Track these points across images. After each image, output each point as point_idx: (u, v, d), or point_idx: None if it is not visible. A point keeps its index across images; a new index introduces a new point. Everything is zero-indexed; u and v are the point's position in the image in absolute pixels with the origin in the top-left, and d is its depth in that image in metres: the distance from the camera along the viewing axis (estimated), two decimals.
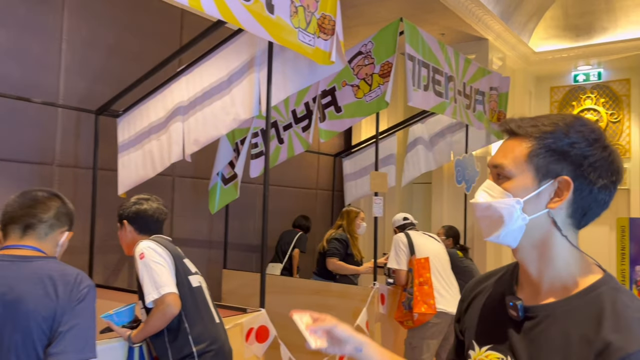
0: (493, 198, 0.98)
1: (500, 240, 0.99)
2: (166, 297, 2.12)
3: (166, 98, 3.59)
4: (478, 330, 1.07)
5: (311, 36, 2.80)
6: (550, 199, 0.96)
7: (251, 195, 5.78)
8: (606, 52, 7.19)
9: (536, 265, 0.99)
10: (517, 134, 0.99)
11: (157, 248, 2.26)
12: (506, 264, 4.35)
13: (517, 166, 0.97)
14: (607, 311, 0.90)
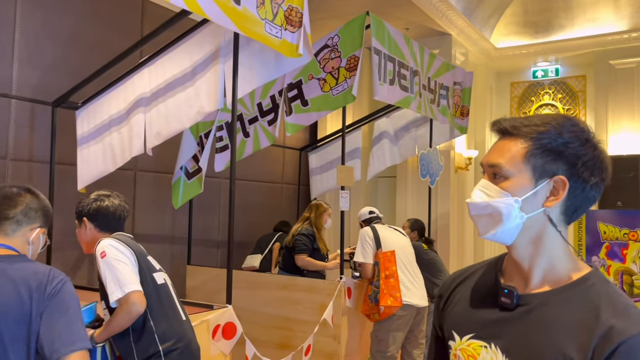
0: (491, 197, 1.01)
1: (497, 238, 1.02)
2: (131, 296, 2.07)
3: (127, 90, 3.48)
4: (458, 321, 1.10)
5: (278, 28, 2.76)
6: (547, 197, 0.99)
7: (215, 189, 5.70)
8: (563, 49, 7.39)
9: (529, 258, 1.03)
10: (511, 134, 1.02)
11: (119, 246, 2.19)
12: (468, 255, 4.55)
13: (514, 166, 1.00)
14: (603, 300, 0.95)
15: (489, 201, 1.00)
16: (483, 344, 1.03)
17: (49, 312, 1.48)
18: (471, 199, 1.04)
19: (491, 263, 1.14)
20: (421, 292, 3.96)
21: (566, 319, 0.96)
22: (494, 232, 1.01)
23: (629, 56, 6.88)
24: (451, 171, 6.53)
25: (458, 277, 1.19)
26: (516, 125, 1.01)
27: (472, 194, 1.04)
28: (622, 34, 6.90)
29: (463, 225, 6.92)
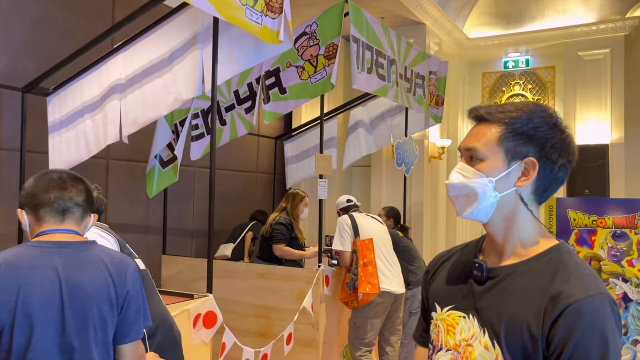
0: (467, 179, 1.09)
1: (474, 216, 1.10)
2: None
3: (102, 76, 3.39)
4: (441, 293, 1.19)
5: (259, 14, 2.72)
6: (519, 178, 1.08)
7: (190, 179, 5.62)
8: (534, 40, 7.52)
9: (503, 235, 1.11)
10: (487, 120, 1.09)
11: (105, 234, 2.15)
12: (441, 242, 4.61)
13: (489, 149, 1.08)
14: (561, 268, 1.04)
15: (465, 182, 1.08)
16: (462, 315, 1.11)
17: (129, 298, 1.59)
18: (450, 180, 1.11)
19: (473, 243, 1.23)
20: (398, 279, 4.01)
21: (527, 287, 1.03)
22: (471, 211, 1.09)
23: (597, 48, 7.04)
24: (425, 160, 6.60)
25: (444, 256, 1.27)
26: (491, 112, 1.09)
27: (450, 176, 1.11)
28: (590, 26, 7.05)
29: (436, 213, 7.01)
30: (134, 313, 1.60)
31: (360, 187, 7.37)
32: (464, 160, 1.12)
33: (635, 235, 4.57)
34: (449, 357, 1.11)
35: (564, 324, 0.95)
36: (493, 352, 1.03)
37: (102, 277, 1.55)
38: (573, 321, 0.95)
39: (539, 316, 0.98)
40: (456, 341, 1.10)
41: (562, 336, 0.95)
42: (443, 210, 7.31)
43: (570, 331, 0.95)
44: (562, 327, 0.95)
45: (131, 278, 1.60)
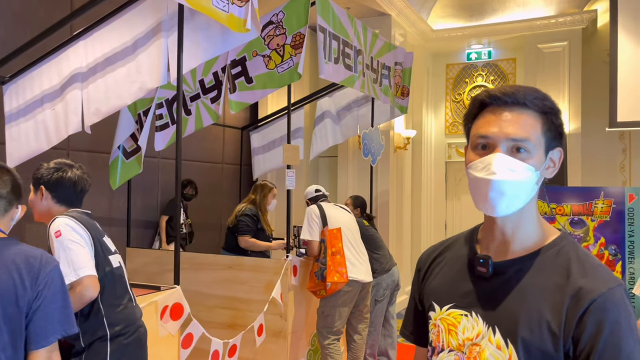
0: (518, 175, 0.99)
1: (511, 211, 1.01)
2: (84, 280, 1.97)
3: (61, 63, 3.28)
4: (438, 292, 1.12)
5: (225, 2, 2.68)
6: (546, 168, 1.03)
7: (154, 169, 5.53)
8: (495, 32, 7.67)
9: (513, 226, 1.04)
10: (523, 105, 1.01)
11: (76, 226, 2.07)
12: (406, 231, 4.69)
13: (536, 140, 1.01)
14: (573, 261, 1.00)
15: (519, 179, 0.98)
16: (463, 313, 1.05)
17: (42, 298, 1.48)
18: (497, 175, 0.98)
19: (466, 235, 1.16)
20: (365, 267, 4.05)
21: (540, 282, 0.99)
22: (518, 208, 1.01)
23: (555, 40, 7.24)
24: (391, 151, 6.67)
25: (434, 251, 1.21)
26: (527, 96, 1.01)
27: (493, 169, 0.98)
28: (549, 19, 7.24)
29: (401, 202, 7.10)
30: (46, 317, 1.49)
31: (326, 177, 7.40)
32: (499, 150, 0.99)
33: (591, 221, 4.75)
34: (452, 357, 1.06)
35: (591, 320, 0.92)
36: (506, 352, 0.98)
37: (9, 278, 1.45)
38: (600, 316, 0.92)
39: (560, 313, 0.95)
40: (459, 341, 1.05)
41: (591, 332, 0.92)
42: (408, 200, 7.41)
43: (598, 326, 0.92)
44: (589, 324, 0.92)
45: (45, 279, 1.50)
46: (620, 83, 6.07)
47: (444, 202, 8.36)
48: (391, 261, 4.55)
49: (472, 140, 1.05)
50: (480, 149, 1.02)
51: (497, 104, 1.02)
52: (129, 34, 3.06)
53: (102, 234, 2.21)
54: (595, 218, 4.69)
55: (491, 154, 0.99)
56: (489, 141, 1.01)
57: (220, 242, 5.29)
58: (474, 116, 1.06)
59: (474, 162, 1.02)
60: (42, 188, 2.17)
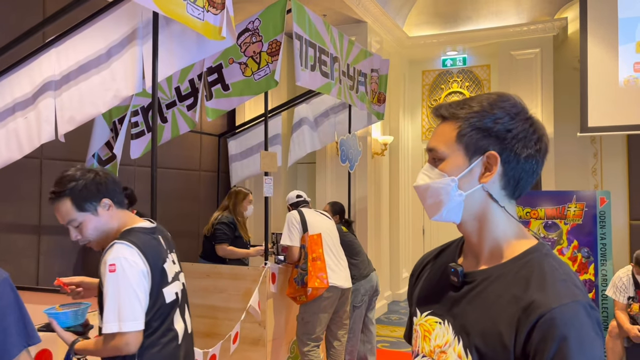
0: (431, 179, 1.05)
1: (444, 218, 1.05)
2: (127, 336, 1.76)
3: (33, 71, 3.23)
4: (421, 298, 1.15)
5: (200, 9, 2.68)
6: (482, 174, 1.03)
7: (130, 177, 5.46)
8: (470, 39, 7.79)
9: (477, 235, 1.06)
10: (447, 118, 1.06)
11: (134, 258, 1.79)
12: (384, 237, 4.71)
13: (448, 147, 1.04)
14: (535, 273, 0.98)
15: (429, 183, 1.05)
16: (438, 320, 1.07)
17: None
18: (416, 182, 1.08)
19: (454, 243, 1.17)
20: (345, 273, 4.06)
21: (502, 293, 0.98)
22: (440, 213, 1.05)
23: (528, 47, 7.39)
24: (368, 157, 6.71)
25: (428, 257, 1.23)
26: (451, 109, 1.05)
27: (417, 178, 1.08)
28: (522, 26, 7.39)
29: (380, 208, 7.14)
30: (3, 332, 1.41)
31: (305, 183, 7.40)
32: (429, 161, 1.08)
33: (564, 225, 4.84)
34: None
35: (538, 336, 0.91)
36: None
37: None
38: (547, 332, 0.90)
39: (512, 326, 0.94)
40: (431, 347, 1.07)
41: (537, 349, 0.90)
42: (386, 206, 7.45)
43: (545, 343, 0.90)
44: (536, 339, 0.90)
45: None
46: (591, 89, 6.22)
47: (421, 207, 8.43)
48: (369, 267, 4.57)
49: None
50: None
51: (438, 120, 1.10)
52: (103, 41, 3.03)
53: (164, 257, 1.92)
54: (568, 221, 4.79)
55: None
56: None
57: (197, 250, 5.24)
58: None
59: None
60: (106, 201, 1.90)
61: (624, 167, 7.15)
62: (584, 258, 4.73)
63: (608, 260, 4.66)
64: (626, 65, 6.09)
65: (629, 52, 6.07)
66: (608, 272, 4.64)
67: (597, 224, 4.69)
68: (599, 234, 4.68)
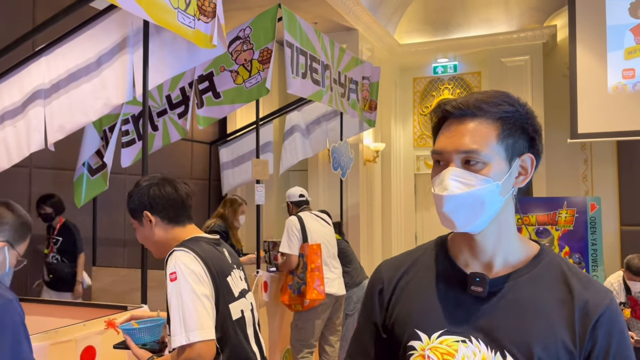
0: (471, 187, 0.93)
1: (477, 227, 0.96)
2: (196, 346, 1.65)
3: (22, 80, 3.21)
4: (421, 317, 1.00)
5: (191, 18, 2.68)
6: (516, 177, 0.97)
7: (120, 186, 5.42)
8: (460, 46, 7.84)
9: (494, 241, 0.98)
10: (475, 115, 0.96)
11: (196, 267, 1.72)
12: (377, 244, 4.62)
13: (491, 150, 0.94)
14: (567, 274, 0.97)
15: (469, 191, 0.93)
16: (460, 339, 0.95)
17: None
18: (448, 191, 0.94)
19: (434, 249, 1.07)
20: (339, 281, 4.06)
21: (541, 298, 0.95)
22: (476, 223, 0.95)
23: (518, 54, 7.44)
24: (360, 164, 6.72)
25: (398, 269, 1.07)
26: (480, 105, 0.96)
27: (445, 185, 0.94)
28: (511, 33, 7.45)
29: (372, 215, 7.14)
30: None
31: None
32: (453, 164, 0.95)
33: (555, 231, 4.87)
34: None
35: (601, 333, 0.92)
36: None
37: None
38: (608, 329, 0.92)
39: (572, 329, 0.92)
40: None
41: (602, 345, 0.91)
42: (378, 212, 7.46)
43: (608, 339, 0.92)
44: (600, 337, 0.91)
45: None
46: (580, 96, 6.27)
47: (413, 213, 8.45)
48: (362, 274, 4.56)
49: (431, 156, 1.02)
50: (437, 164, 0.99)
51: (452, 117, 0.98)
52: (93, 49, 3.02)
53: (228, 271, 1.85)
54: (559, 227, 4.81)
55: (445, 169, 0.95)
56: (443, 156, 0.97)
57: None
58: (436, 130, 1.03)
59: (433, 179, 0.99)
60: (147, 214, 1.87)
61: (614, 173, 7.20)
62: (576, 264, 4.75)
63: (599, 266, 4.69)
64: (615, 72, 6.15)
65: (617, 59, 6.14)
66: (599, 278, 4.66)
67: (588, 229, 4.72)
68: (589, 240, 4.70)
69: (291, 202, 4.25)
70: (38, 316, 2.94)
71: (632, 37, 6.04)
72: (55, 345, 2.30)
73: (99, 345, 2.46)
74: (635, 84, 6.04)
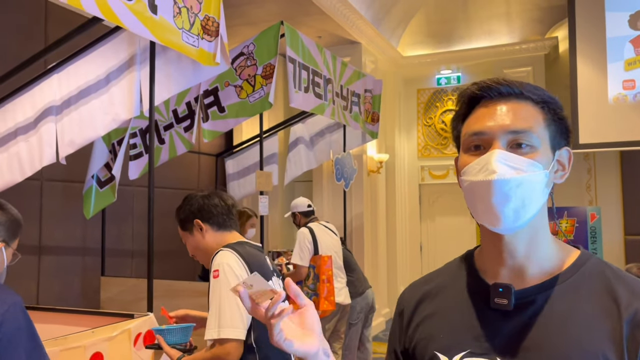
0: (524, 172, 0.80)
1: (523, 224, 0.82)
2: (226, 343, 1.76)
3: (35, 97, 3.35)
4: (441, 338, 0.89)
5: (195, 37, 2.80)
6: (555, 172, 0.86)
7: (128, 198, 5.55)
8: (463, 58, 7.95)
9: (527, 244, 0.85)
10: (519, 95, 0.85)
11: (237, 267, 1.82)
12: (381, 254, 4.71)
13: (540, 133, 0.84)
14: (613, 280, 0.83)
15: (524, 176, 0.80)
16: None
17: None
18: (498, 174, 0.79)
19: (458, 264, 0.96)
20: (345, 290, 4.15)
21: (583, 309, 0.81)
22: (525, 219, 0.81)
23: (520, 66, 7.53)
24: (364, 174, 6.81)
25: (419, 289, 0.98)
26: (524, 85, 0.86)
27: (492, 167, 0.80)
28: (513, 45, 7.55)
29: (376, 225, 7.22)
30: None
31: None
32: (497, 145, 0.82)
33: None
34: None
35: None
36: None
37: None
38: None
39: (618, 342, 0.78)
40: None
41: None
42: (383, 222, 7.53)
43: None
44: None
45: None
46: (581, 107, 6.34)
47: (418, 224, 8.50)
48: (365, 284, 4.62)
49: (464, 142, 0.87)
50: (474, 149, 0.85)
51: (489, 97, 0.86)
52: (102, 67, 3.15)
53: (269, 275, 1.97)
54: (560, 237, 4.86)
55: (488, 152, 0.82)
56: (485, 138, 0.84)
57: (195, 270, 5.32)
58: (463, 117, 0.90)
59: (469, 165, 0.84)
60: (198, 222, 2.02)
61: (617, 182, 7.24)
62: None
63: None
64: (615, 83, 6.22)
65: (617, 70, 6.20)
66: None
67: (589, 239, 4.77)
68: (590, 249, 4.75)
69: (299, 213, 4.30)
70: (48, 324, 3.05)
71: (632, 48, 6.11)
72: (65, 351, 2.40)
73: (106, 351, 2.56)
74: (635, 95, 6.10)
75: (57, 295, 4.73)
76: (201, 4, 2.83)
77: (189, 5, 2.75)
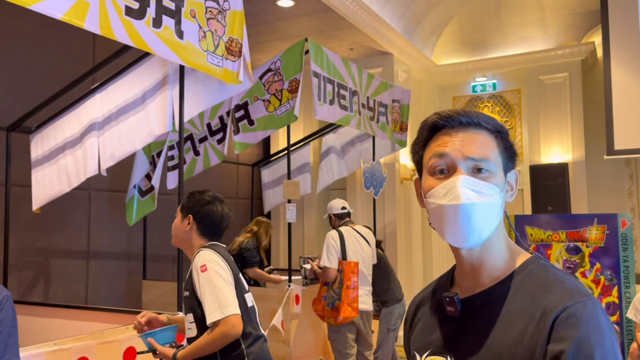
0: (486, 195, 0.91)
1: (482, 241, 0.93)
2: (230, 319, 1.97)
3: (80, 114, 3.68)
4: (418, 340, 1.05)
5: (219, 58, 3.04)
6: (507, 191, 0.97)
7: (169, 206, 5.87)
8: (499, 65, 7.93)
9: (480, 256, 0.96)
10: (477, 125, 0.96)
11: (220, 261, 2.10)
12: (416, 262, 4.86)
13: (495, 160, 0.95)
14: (538, 284, 0.91)
15: (486, 200, 0.91)
16: (440, 359, 0.97)
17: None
18: (464, 199, 0.89)
19: (446, 275, 1.08)
20: (365, 297, 4.23)
21: (506, 312, 0.90)
22: (487, 234, 0.93)
23: (556, 72, 7.46)
24: (397, 182, 6.92)
25: (417, 298, 1.14)
26: (480, 116, 0.96)
27: (456, 193, 0.90)
28: (549, 51, 7.48)
29: (410, 232, 7.30)
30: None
31: None
32: (460, 171, 0.92)
33: (586, 247, 4.88)
34: None
35: (556, 337, 0.82)
36: None
37: None
38: (565, 332, 0.82)
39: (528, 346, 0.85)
40: None
41: (558, 350, 0.81)
42: (418, 229, 7.59)
43: (563, 343, 0.81)
44: (554, 342, 0.82)
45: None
46: (616, 112, 6.24)
47: None
48: (402, 291, 4.70)
49: (427, 166, 0.97)
50: (439, 173, 0.94)
51: (450, 125, 0.95)
52: (139, 86, 3.45)
53: (238, 272, 2.21)
54: (590, 244, 4.83)
55: (453, 177, 0.91)
56: (448, 162, 0.93)
57: None
58: (424, 142, 1.00)
59: (435, 189, 0.93)
60: (191, 217, 2.26)
61: None
62: (607, 281, 4.74)
63: (632, 284, 4.67)
64: None
65: None
66: (632, 295, 4.63)
67: (619, 246, 4.71)
68: (621, 257, 4.70)
69: (334, 215, 4.38)
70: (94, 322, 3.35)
71: None
72: (102, 344, 2.67)
73: (139, 346, 2.81)
74: None
75: (104, 297, 5.09)
76: (225, 27, 3.08)
77: (213, 29, 3.00)
